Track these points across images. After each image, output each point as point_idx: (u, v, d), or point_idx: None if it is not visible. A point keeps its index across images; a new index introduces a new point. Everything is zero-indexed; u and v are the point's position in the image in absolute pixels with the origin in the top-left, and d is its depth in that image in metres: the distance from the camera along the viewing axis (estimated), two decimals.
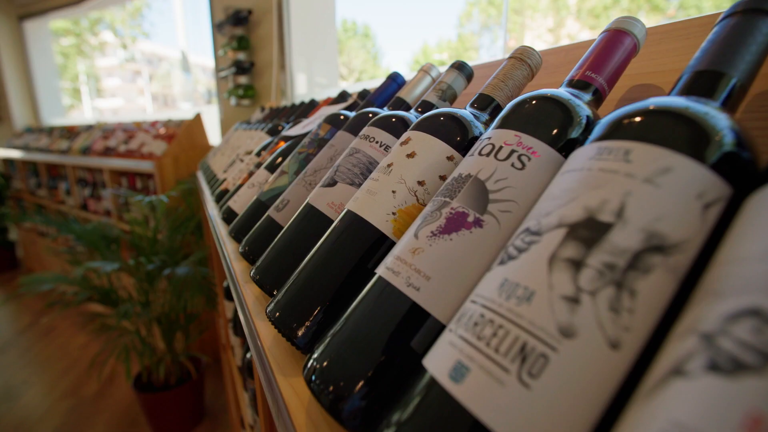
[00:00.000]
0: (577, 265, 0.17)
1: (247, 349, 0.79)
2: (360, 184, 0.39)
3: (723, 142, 0.18)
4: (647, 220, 0.17)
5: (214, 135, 2.63)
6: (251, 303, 0.42)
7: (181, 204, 2.08)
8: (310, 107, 0.95)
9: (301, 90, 1.92)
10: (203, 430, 2.14)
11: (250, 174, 0.73)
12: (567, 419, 0.15)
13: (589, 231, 0.17)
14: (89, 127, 3.17)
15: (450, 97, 0.47)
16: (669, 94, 0.24)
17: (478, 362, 0.17)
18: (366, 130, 0.43)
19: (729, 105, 0.22)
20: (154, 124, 2.56)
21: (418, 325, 0.24)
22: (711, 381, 0.12)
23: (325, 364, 0.25)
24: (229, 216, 0.68)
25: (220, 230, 0.67)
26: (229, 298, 1.10)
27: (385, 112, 0.46)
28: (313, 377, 0.24)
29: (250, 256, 0.49)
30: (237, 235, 0.58)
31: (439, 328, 0.24)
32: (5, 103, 4.14)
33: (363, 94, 0.75)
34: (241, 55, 2.02)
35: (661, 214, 0.17)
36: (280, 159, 0.66)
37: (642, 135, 0.19)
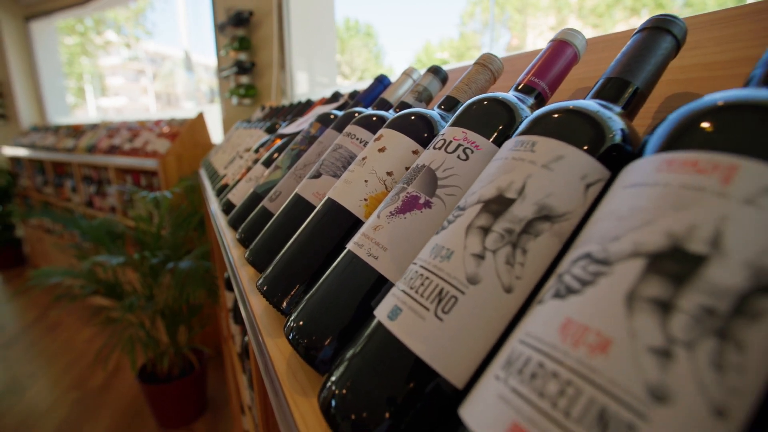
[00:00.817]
0: (485, 230, 0.22)
1: (245, 334, 0.84)
2: (331, 174, 0.44)
3: (608, 137, 0.23)
4: (540, 196, 0.22)
5: (216, 133, 2.69)
6: (246, 282, 0.48)
7: (184, 201, 2.14)
8: (306, 106, 1.00)
9: (301, 89, 1.97)
10: (205, 420, 2.20)
11: (248, 169, 0.78)
12: (471, 344, 0.20)
13: (497, 205, 0.22)
14: (94, 126, 3.24)
15: (426, 98, 0.52)
16: (585, 97, 0.29)
17: (408, 305, 0.22)
18: (349, 128, 0.48)
19: (629, 108, 0.27)
20: (158, 122, 2.62)
21: (377, 289, 0.29)
22: (552, 303, 0.17)
23: (301, 323, 0.30)
24: (228, 208, 0.74)
25: (220, 221, 0.72)
26: (230, 288, 1.16)
27: (367, 111, 0.51)
28: (292, 334, 0.30)
29: (246, 242, 0.54)
30: (234, 224, 0.63)
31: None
32: (12, 102, 4.22)
33: (353, 95, 0.80)
34: (243, 56, 2.07)
35: (552, 191, 0.22)
36: (275, 155, 0.72)
37: (547, 130, 0.24)
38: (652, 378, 0.13)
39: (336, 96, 0.88)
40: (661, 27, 0.28)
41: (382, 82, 0.66)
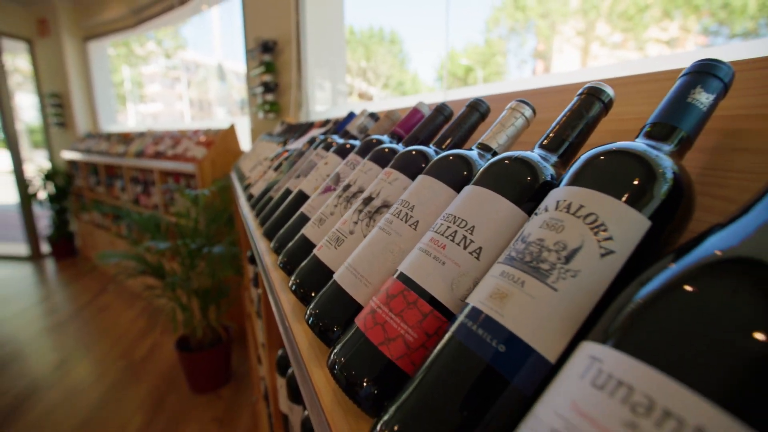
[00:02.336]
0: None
1: (262, 291, 1.20)
2: (304, 175, 0.80)
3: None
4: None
5: (245, 142, 3.12)
6: (263, 250, 0.84)
7: (217, 199, 2.56)
8: (309, 127, 1.37)
9: (313, 106, 2.36)
10: (229, 389, 2.60)
11: (264, 173, 1.16)
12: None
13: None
14: (142, 134, 3.76)
15: (364, 131, 0.88)
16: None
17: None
18: (318, 150, 0.84)
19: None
20: (196, 132, 3.08)
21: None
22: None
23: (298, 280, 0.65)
24: (250, 198, 1.11)
25: (244, 208, 1.10)
26: (252, 262, 1.54)
27: (336, 138, 0.86)
28: (294, 286, 0.65)
29: (261, 221, 0.90)
30: (254, 207, 1.00)
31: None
32: (70, 112, 4.85)
33: (328, 122, 1.17)
34: (268, 77, 2.49)
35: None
36: (281, 163, 1.08)
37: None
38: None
39: (327, 122, 1.24)
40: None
41: (350, 116, 1.02)
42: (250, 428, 2.26)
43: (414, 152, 0.50)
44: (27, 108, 6.10)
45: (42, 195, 4.79)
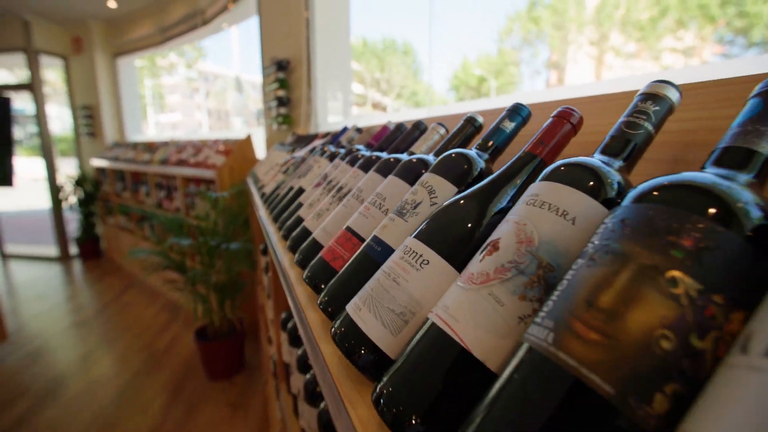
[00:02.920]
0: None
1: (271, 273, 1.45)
2: (303, 176, 1.04)
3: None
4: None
5: (260, 151, 3.42)
6: (272, 232, 1.08)
7: (234, 202, 2.84)
8: (313, 138, 1.62)
9: (322, 118, 2.63)
10: (242, 377, 2.85)
11: (275, 176, 1.41)
12: None
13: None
14: (165, 143, 4.09)
15: (351, 141, 1.12)
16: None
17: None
18: (315, 157, 1.09)
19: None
20: (215, 141, 3.38)
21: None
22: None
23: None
24: (263, 195, 1.36)
25: (259, 205, 1.35)
26: (264, 253, 1.78)
27: (330, 147, 1.11)
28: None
29: (271, 210, 1.15)
30: (266, 201, 1.25)
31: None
32: (99, 122, 5.26)
33: (328, 134, 1.42)
34: (282, 93, 2.78)
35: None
36: (289, 168, 1.34)
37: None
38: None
39: (327, 134, 1.49)
40: None
41: (343, 131, 1.27)
42: (260, 412, 2.50)
43: (374, 157, 0.74)
44: (53, 118, 6.58)
45: (72, 200, 5.18)
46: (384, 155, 0.74)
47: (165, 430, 2.33)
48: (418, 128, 0.76)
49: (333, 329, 0.40)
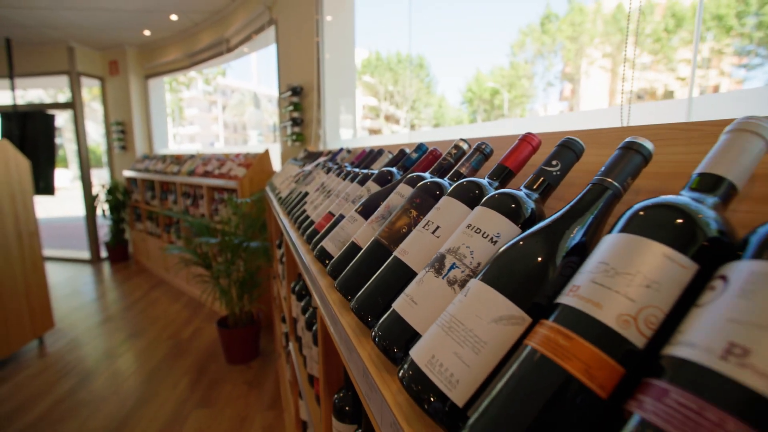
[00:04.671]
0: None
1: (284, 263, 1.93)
2: (308, 184, 1.52)
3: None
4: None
5: (276, 164, 3.94)
6: (286, 222, 1.56)
7: (253, 209, 3.34)
8: (319, 155, 2.10)
9: (329, 137, 3.13)
10: (257, 362, 3.31)
11: (289, 185, 1.90)
12: None
13: None
14: (192, 156, 4.66)
15: (343, 159, 1.60)
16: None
17: None
18: (317, 170, 1.57)
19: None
20: (237, 155, 3.92)
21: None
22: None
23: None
24: (279, 199, 1.85)
25: (276, 206, 1.83)
26: (279, 247, 2.26)
27: (330, 163, 1.59)
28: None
29: (283, 206, 1.63)
30: (281, 202, 1.73)
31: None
32: (131, 137, 5.90)
33: (330, 152, 1.90)
34: (296, 114, 3.29)
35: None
36: (299, 178, 1.82)
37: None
38: None
39: (330, 152, 1.97)
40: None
41: (340, 151, 1.75)
42: (273, 390, 2.95)
43: (352, 172, 1.21)
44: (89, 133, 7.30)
45: (104, 207, 5.80)
46: (356, 170, 1.21)
47: (193, 399, 2.81)
48: (380, 153, 1.24)
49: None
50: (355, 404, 0.89)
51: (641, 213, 0.34)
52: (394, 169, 0.97)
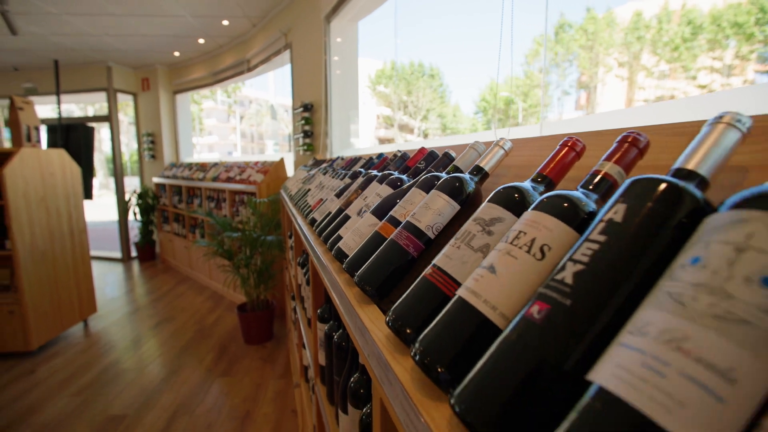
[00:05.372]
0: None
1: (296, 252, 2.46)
2: (310, 183, 2.06)
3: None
4: None
5: (290, 169, 4.51)
6: (296, 212, 2.09)
7: (269, 209, 3.91)
8: (322, 162, 2.64)
9: (334, 147, 3.69)
10: (271, 343, 3.85)
11: (298, 187, 2.43)
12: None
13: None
14: (216, 164, 5.29)
15: (338, 165, 2.14)
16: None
17: None
18: (317, 173, 2.10)
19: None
20: (256, 163, 4.52)
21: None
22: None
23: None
24: (290, 196, 2.39)
25: (288, 202, 2.37)
26: (290, 237, 2.80)
27: (328, 168, 2.12)
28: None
29: (293, 202, 2.17)
30: (291, 199, 2.27)
31: None
32: (160, 147, 6.60)
33: (331, 160, 2.44)
34: (307, 127, 3.86)
35: None
36: (305, 180, 2.36)
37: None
38: None
39: (330, 160, 2.50)
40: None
41: (337, 158, 2.28)
42: (284, 364, 3.47)
43: (339, 172, 1.73)
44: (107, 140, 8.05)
45: (135, 210, 6.48)
46: (342, 171, 1.74)
47: (216, 370, 3.35)
48: (358, 159, 1.77)
49: None
50: (331, 311, 1.41)
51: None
52: (367, 170, 1.49)
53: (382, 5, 3.28)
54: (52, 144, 5.86)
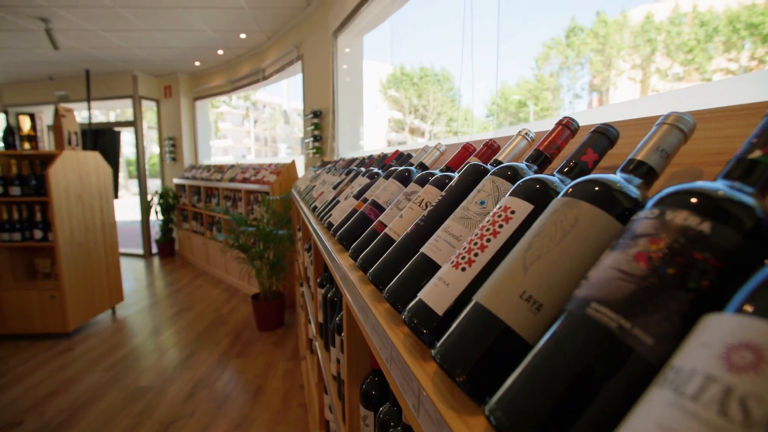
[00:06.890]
0: None
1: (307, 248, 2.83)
2: (316, 180, 2.43)
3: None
4: None
5: (300, 170, 4.91)
6: (305, 208, 2.46)
7: (281, 207, 4.30)
8: (328, 163, 3.01)
9: (341, 151, 4.07)
10: (282, 329, 4.23)
11: (307, 185, 2.81)
12: None
13: None
14: (232, 166, 5.72)
15: (340, 164, 2.51)
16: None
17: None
18: (322, 171, 2.48)
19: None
20: (270, 165, 4.92)
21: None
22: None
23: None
24: (299, 193, 2.76)
25: (297, 198, 2.75)
26: (299, 230, 3.17)
27: (332, 167, 2.49)
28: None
29: (302, 197, 2.54)
30: (299, 195, 2.65)
31: None
32: (180, 150, 7.08)
33: (335, 161, 2.81)
34: (316, 132, 4.25)
35: None
36: (312, 178, 2.73)
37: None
38: None
39: (335, 161, 2.87)
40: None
41: (340, 159, 2.65)
42: (293, 349, 3.85)
43: (347, 171, 2.10)
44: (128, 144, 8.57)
45: (157, 209, 6.96)
46: (342, 170, 2.10)
47: (232, 352, 3.74)
48: (354, 159, 2.13)
49: None
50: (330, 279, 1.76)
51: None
52: (362, 168, 1.85)
53: (385, 21, 3.66)
54: (83, 147, 6.37)
